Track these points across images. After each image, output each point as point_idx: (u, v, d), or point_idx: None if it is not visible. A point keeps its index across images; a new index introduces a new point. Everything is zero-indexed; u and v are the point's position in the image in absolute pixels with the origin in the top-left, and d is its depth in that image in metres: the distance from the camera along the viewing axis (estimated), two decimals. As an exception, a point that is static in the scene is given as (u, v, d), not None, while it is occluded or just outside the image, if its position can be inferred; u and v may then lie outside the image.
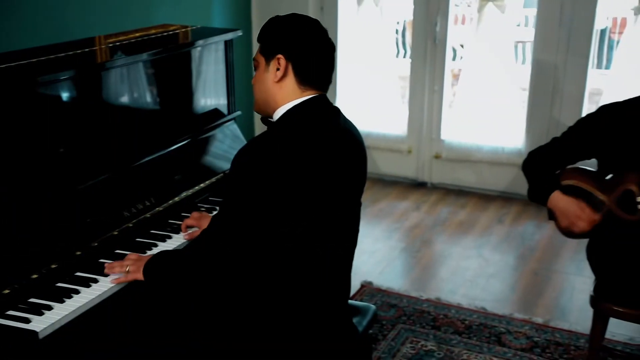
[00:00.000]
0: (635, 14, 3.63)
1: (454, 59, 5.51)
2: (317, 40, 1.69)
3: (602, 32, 5.74)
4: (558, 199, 2.20)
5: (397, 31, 5.86)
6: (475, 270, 3.44)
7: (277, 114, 1.70)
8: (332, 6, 4.47)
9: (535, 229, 3.90)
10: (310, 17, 1.73)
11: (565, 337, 2.81)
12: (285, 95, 1.69)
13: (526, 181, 2.35)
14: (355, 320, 2.00)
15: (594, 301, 2.24)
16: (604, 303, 2.20)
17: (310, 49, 1.68)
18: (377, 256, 3.62)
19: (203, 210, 2.25)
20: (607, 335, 2.73)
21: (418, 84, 4.41)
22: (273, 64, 1.69)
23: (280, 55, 1.67)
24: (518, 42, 5.25)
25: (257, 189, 1.56)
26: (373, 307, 2.13)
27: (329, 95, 1.75)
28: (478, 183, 4.42)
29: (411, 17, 4.41)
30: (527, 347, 2.75)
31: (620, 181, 2.11)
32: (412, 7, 4.27)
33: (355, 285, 3.27)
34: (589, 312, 2.39)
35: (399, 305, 3.08)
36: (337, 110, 1.74)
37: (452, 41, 4.49)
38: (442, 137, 4.47)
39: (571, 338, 2.80)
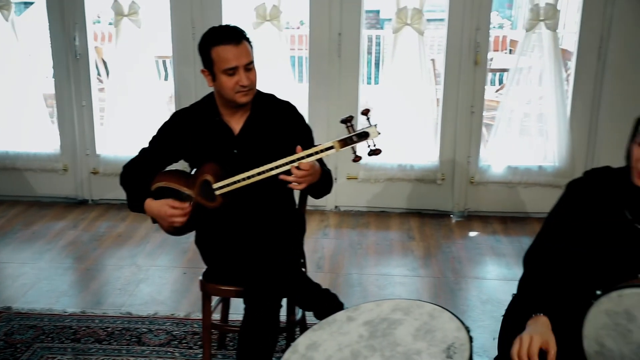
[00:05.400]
0: (254, 28, 4.06)
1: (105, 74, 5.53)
2: None
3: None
4: (150, 205, 2.33)
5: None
6: (126, 278, 3.49)
7: None
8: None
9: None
10: None
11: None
12: None
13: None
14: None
15: (202, 285, 2.44)
16: (208, 284, 2.41)
17: None
18: (23, 280, 3.45)
19: None
20: (237, 317, 3.01)
21: (65, 100, 4.33)
22: None
23: None
24: (159, 57, 5.47)
25: None
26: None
27: None
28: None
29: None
30: (165, 342, 2.87)
31: (200, 174, 2.33)
32: (47, 23, 4.18)
33: (-8, 314, 3.08)
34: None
35: (38, 325, 2.97)
36: None
37: (98, 56, 4.49)
38: (98, 152, 4.45)
39: (208, 326, 3.00)
